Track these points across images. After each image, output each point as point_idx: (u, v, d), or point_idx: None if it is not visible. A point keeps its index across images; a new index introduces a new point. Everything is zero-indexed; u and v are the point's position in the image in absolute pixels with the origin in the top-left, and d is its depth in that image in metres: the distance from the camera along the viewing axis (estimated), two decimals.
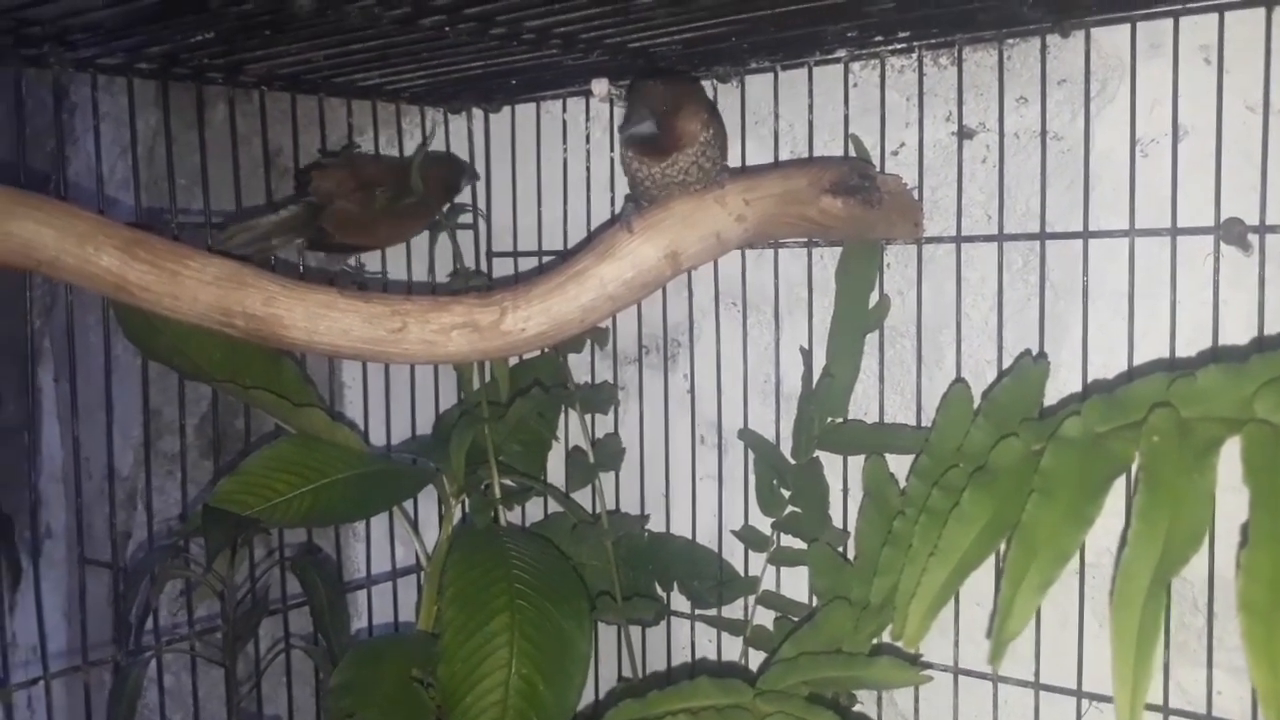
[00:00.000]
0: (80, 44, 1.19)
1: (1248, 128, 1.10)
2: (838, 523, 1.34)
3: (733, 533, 1.42)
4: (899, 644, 1.02)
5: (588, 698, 1.50)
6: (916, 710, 1.32)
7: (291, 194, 1.43)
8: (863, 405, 1.37)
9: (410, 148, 1.66)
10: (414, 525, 1.58)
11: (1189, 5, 1.11)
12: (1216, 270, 1.11)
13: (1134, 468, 0.95)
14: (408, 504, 1.59)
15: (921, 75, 1.29)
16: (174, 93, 1.36)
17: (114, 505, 1.40)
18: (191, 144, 1.43)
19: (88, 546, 1.56)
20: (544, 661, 1.34)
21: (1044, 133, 1.22)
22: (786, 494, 1.36)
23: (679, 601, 1.48)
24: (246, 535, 1.43)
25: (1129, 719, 0.82)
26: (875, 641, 1.19)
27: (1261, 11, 1.08)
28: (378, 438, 1.66)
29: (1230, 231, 1.10)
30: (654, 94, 1.11)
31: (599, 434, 1.56)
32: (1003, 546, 0.99)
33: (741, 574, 1.44)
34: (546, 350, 1.53)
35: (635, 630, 1.51)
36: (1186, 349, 1.14)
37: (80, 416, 1.35)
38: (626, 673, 1.49)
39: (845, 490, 1.35)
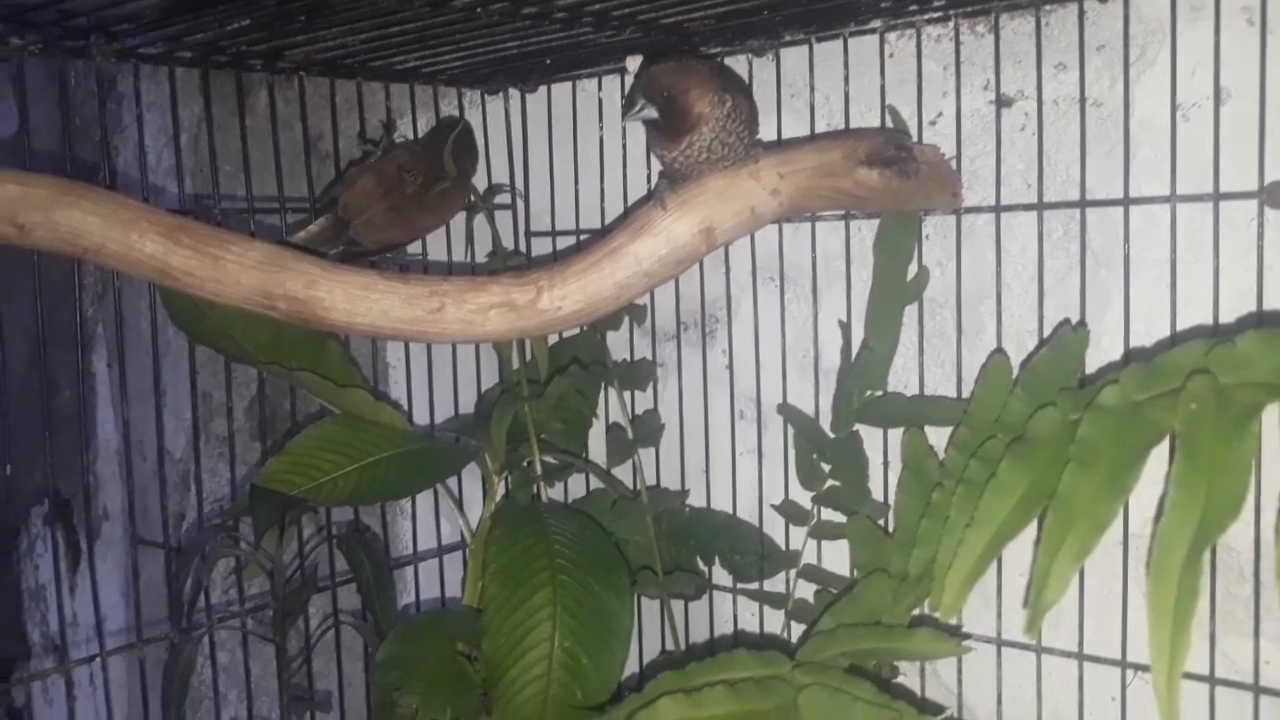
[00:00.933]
0: (122, 34, 1.21)
1: None
2: (878, 496, 1.34)
3: (773, 507, 1.43)
4: (937, 615, 1.02)
5: (631, 670, 1.51)
6: (960, 682, 1.31)
7: (325, 200, 1.44)
8: (902, 378, 1.36)
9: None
10: (459, 503, 1.60)
11: None
12: (1261, 235, 1.09)
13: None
14: (452, 482, 1.61)
15: (958, 44, 1.28)
16: (216, 81, 1.38)
17: (165, 486, 1.43)
18: (234, 131, 1.45)
19: (142, 527, 1.60)
20: (586, 635, 1.35)
21: (1083, 99, 1.20)
22: (826, 468, 1.36)
23: (721, 576, 1.49)
24: (294, 514, 1.46)
25: (1167, 687, 0.81)
26: (917, 613, 1.20)
27: None
28: (421, 417, 1.68)
29: (1274, 195, 1.08)
30: (655, 79, 1.11)
31: (638, 411, 1.57)
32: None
33: (782, 548, 1.44)
34: (585, 328, 1.54)
35: (678, 605, 1.52)
36: (1230, 316, 1.12)
37: (132, 400, 1.38)
38: (669, 646, 1.50)
39: (885, 464, 1.35)
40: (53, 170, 1.13)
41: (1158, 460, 0.97)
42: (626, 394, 1.55)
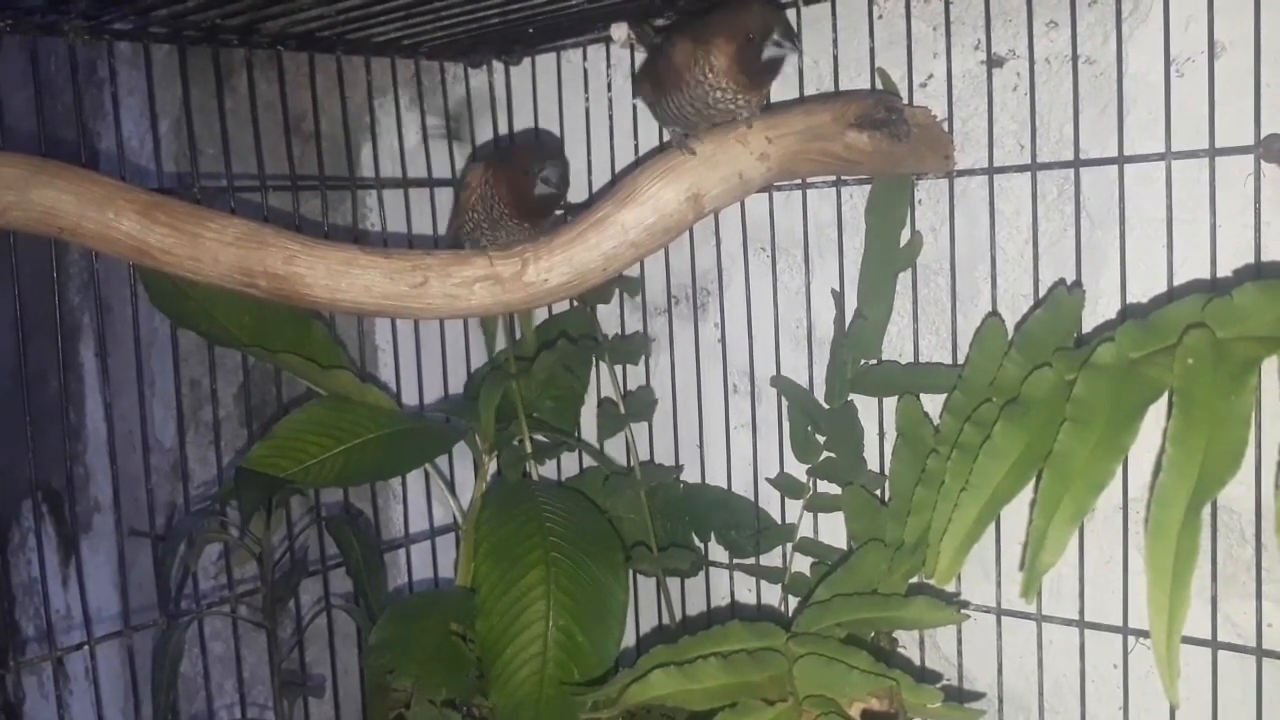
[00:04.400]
0: (88, 11, 1.19)
1: None
2: (874, 466, 1.32)
3: (768, 480, 1.41)
4: (931, 582, 1.00)
5: (628, 647, 1.50)
6: (960, 652, 1.30)
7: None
8: (897, 346, 1.34)
9: (431, 106, 1.65)
10: (449, 484, 1.58)
11: None
12: (1258, 190, 1.07)
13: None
14: (443, 463, 1.59)
15: (948, 4, 1.26)
16: (195, 62, 1.36)
17: (149, 474, 1.41)
18: (215, 112, 1.43)
19: (133, 517, 1.58)
20: (581, 613, 1.34)
21: (1075, 57, 1.18)
22: (821, 439, 1.34)
23: (716, 551, 1.47)
24: (281, 497, 1.44)
25: (1167, 646, 0.79)
26: (915, 582, 1.18)
27: None
28: (410, 398, 1.66)
29: (1271, 149, 1.06)
30: (777, 19, 1.07)
31: (630, 386, 1.55)
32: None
33: (778, 521, 1.42)
34: (575, 303, 1.52)
35: (674, 581, 1.50)
36: (1227, 272, 1.10)
37: (119, 390, 1.35)
38: (666, 622, 1.48)
39: (881, 433, 1.33)
40: (30, 151, 1.11)
41: (1156, 424, 0.95)
42: (618, 369, 1.53)
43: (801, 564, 1.38)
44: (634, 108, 1.49)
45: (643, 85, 1.24)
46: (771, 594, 1.44)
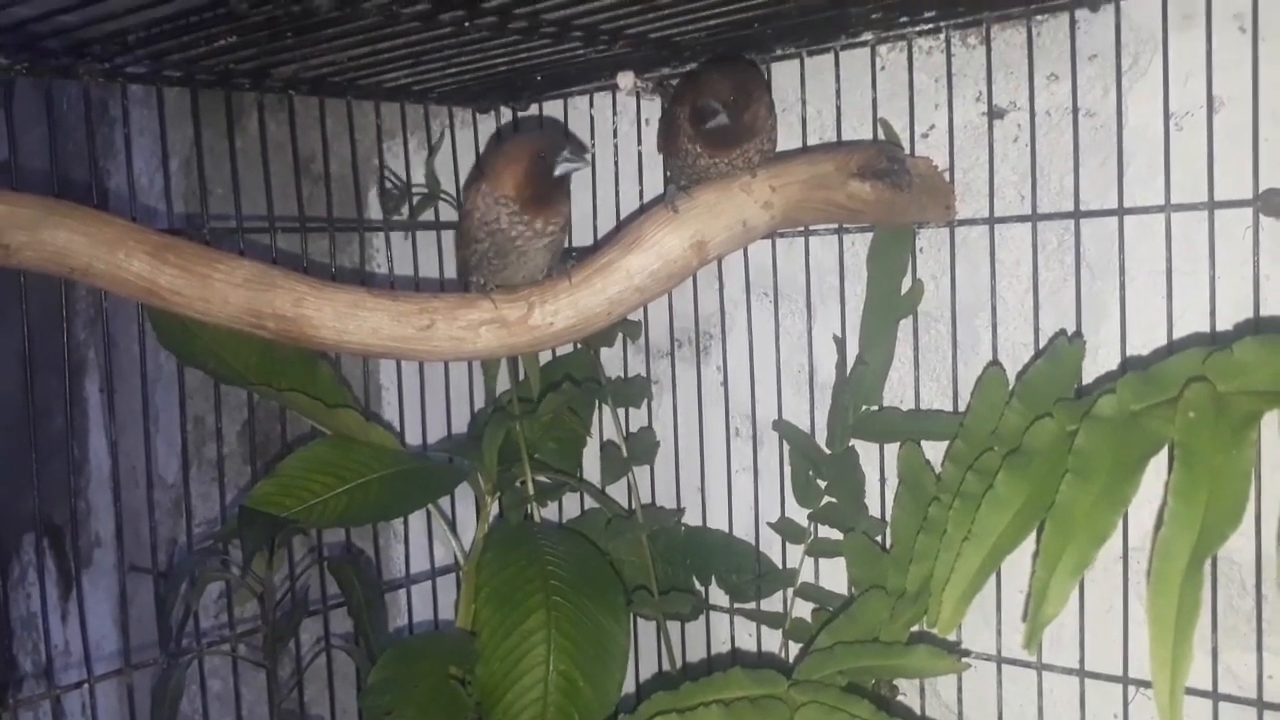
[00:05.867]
0: (103, 55, 1.20)
1: None
2: (875, 512, 1.33)
3: (769, 525, 1.41)
4: (934, 631, 1.01)
5: (628, 692, 1.49)
6: (960, 700, 1.29)
7: None
8: (898, 392, 1.35)
9: (442, 149, 1.67)
10: (451, 525, 1.59)
11: None
12: (1256, 243, 1.09)
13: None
14: (445, 504, 1.59)
15: (950, 56, 1.28)
16: (206, 103, 1.38)
17: (153, 511, 1.41)
18: (225, 153, 1.44)
19: (134, 553, 1.58)
20: (582, 658, 1.34)
21: (1076, 109, 1.20)
22: (822, 484, 1.35)
23: (718, 595, 1.47)
24: (284, 536, 1.44)
25: (1170, 702, 0.80)
26: (916, 630, 1.18)
27: None
28: (414, 438, 1.67)
29: (1269, 203, 1.07)
30: (721, 85, 1.09)
31: (633, 428, 1.55)
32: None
33: (779, 566, 1.42)
34: (578, 345, 1.53)
35: (674, 625, 1.50)
36: (1227, 325, 1.11)
37: (124, 426, 1.36)
38: (666, 667, 1.48)
39: (882, 479, 1.33)
40: (44, 192, 1.12)
41: (1156, 475, 0.95)
42: (621, 411, 1.54)
43: (802, 609, 1.38)
44: (639, 154, 1.51)
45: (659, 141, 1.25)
46: (772, 640, 1.43)
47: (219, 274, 1.14)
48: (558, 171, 1.16)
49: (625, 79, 1.41)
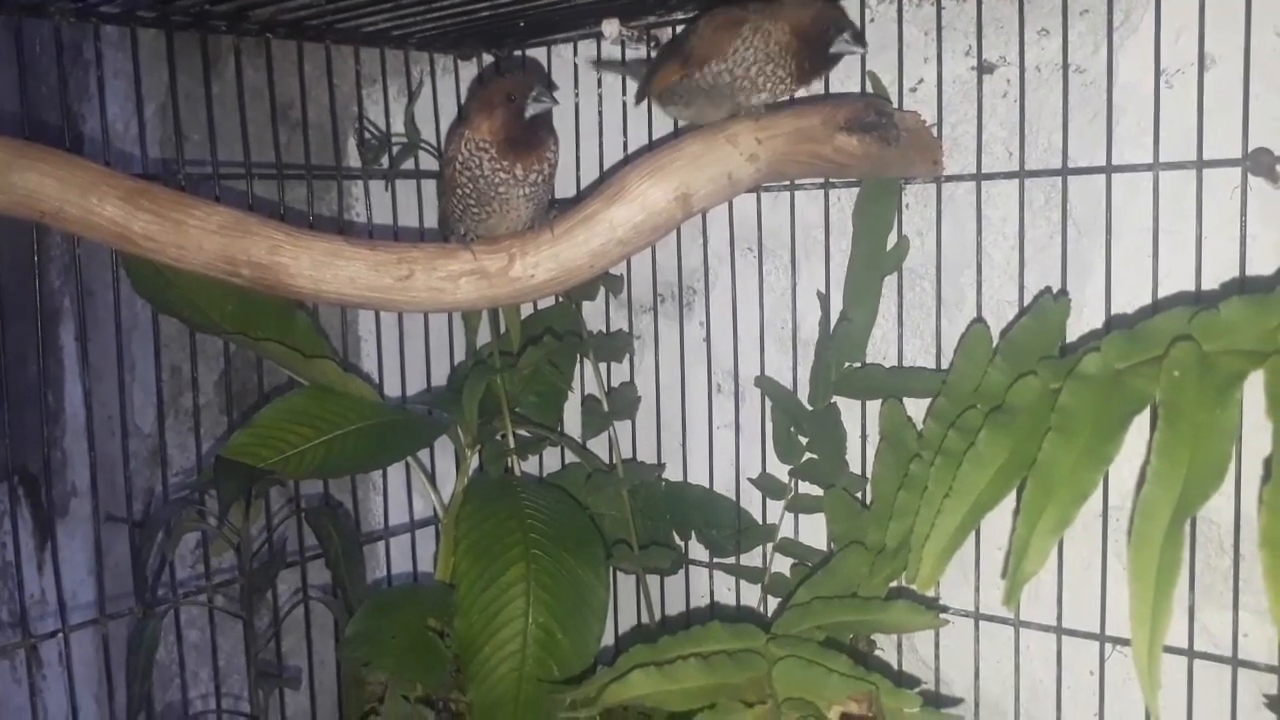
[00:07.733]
0: None
1: (1277, 55, 1.06)
2: (856, 468, 1.32)
3: (750, 480, 1.41)
4: (913, 587, 1.01)
5: (607, 645, 1.49)
6: (937, 656, 1.30)
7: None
8: (881, 349, 1.34)
9: (422, 96, 1.65)
10: (431, 477, 1.58)
11: None
12: (1244, 203, 1.08)
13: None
14: (424, 456, 1.58)
15: (940, 9, 1.26)
16: (182, 47, 1.35)
17: (127, 460, 1.40)
18: (201, 98, 1.41)
19: (110, 503, 1.57)
20: (561, 611, 1.33)
21: (1066, 65, 1.18)
22: (804, 441, 1.34)
23: (697, 550, 1.47)
24: (261, 487, 1.43)
25: (1147, 659, 0.80)
26: (895, 586, 1.18)
27: None
28: (393, 389, 1.66)
29: (1258, 163, 1.06)
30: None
31: (614, 383, 1.54)
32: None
33: (759, 522, 1.42)
34: (560, 298, 1.52)
35: (654, 579, 1.50)
36: (1213, 284, 1.10)
37: (99, 375, 1.34)
38: (645, 620, 1.48)
39: (863, 436, 1.33)
40: (13, 134, 1.10)
41: (1138, 433, 0.95)
42: (602, 366, 1.53)
43: (782, 564, 1.38)
44: (624, 104, 1.48)
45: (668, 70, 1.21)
46: (751, 594, 1.44)
47: (194, 220, 1.13)
48: (529, 113, 1.14)
49: (610, 26, 1.39)
